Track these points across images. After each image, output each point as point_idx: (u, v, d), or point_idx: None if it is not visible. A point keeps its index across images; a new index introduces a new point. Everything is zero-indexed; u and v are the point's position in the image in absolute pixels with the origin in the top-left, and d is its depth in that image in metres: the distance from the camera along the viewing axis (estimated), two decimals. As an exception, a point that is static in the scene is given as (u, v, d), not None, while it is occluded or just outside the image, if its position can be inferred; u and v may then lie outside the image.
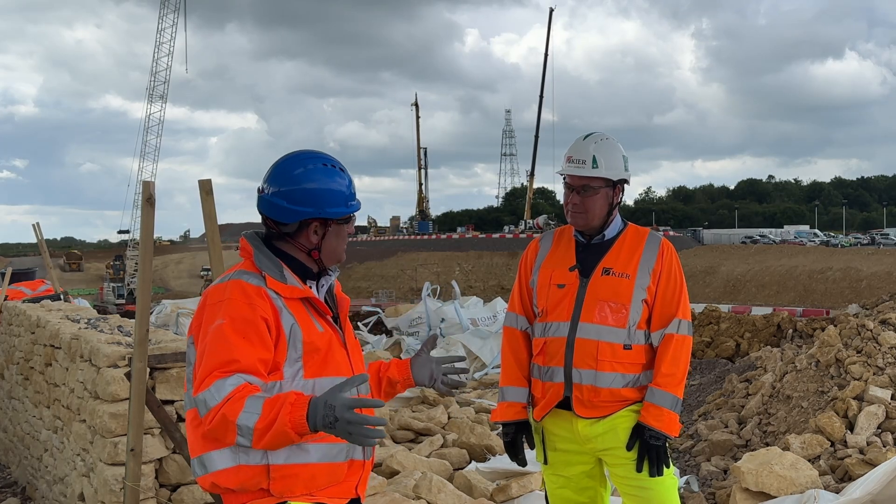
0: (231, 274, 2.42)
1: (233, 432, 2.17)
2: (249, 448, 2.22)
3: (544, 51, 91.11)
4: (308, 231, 2.44)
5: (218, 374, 2.21)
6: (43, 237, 9.81)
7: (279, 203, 2.41)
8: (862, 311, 14.49)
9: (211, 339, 2.27)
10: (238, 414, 2.15)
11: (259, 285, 2.35)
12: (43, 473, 6.10)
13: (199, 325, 2.35)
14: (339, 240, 2.49)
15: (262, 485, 2.31)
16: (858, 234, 78.82)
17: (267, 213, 2.45)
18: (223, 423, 2.17)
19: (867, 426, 8.48)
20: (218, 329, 2.27)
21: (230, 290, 2.34)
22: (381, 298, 56.02)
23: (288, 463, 2.31)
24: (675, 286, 3.22)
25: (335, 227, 2.47)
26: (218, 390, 2.19)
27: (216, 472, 2.30)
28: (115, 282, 68.54)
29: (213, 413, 2.18)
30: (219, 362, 2.22)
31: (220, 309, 2.30)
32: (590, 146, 3.25)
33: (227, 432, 2.18)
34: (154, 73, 66.49)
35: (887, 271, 48.02)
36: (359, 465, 2.47)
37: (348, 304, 2.65)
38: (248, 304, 2.30)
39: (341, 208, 2.45)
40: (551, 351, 3.23)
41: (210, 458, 2.31)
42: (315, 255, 2.48)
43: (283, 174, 2.44)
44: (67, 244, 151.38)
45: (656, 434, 3.11)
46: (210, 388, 2.20)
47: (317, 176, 2.43)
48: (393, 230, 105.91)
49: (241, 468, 2.29)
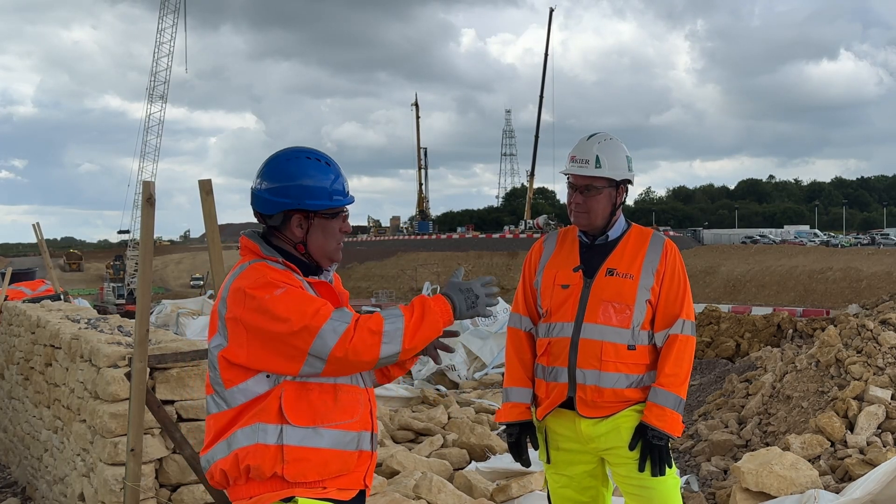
0: (246, 263, 2.44)
1: (378, 342, 2.28)
2: (398, 352, 2.31)
3: (544, 51, 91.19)
4: (292, 224, 2.48)
5: (327, 307, 2.30)
6: (43, 237, 9.81)
7: (263, 196, 2.47)
8: (862, 311, 14.48)
9: (286, 299, 2.29)
10: (382, 323, 2.30)
11: (283, 269, 2.41)
12: (43, 473, 6.10)
13: (246, 310, 2.32)
14: (326, 235, 2.51)
15: (276, 468, 2.34)
16: (858, 234, 78.80)
17: (253, 205, 2.51)
18: (368, 336, 2.27)
19: (867, 426, 8.48)
20: (286, 293, 2.31)
21: (265, 269, 2.38)
22: (381, 298, 56.03)
23: (302, 445, 2.36)
24: (679, 287, 3.22)
25: (319, 220, 2.49)
26: (341, 315, 2.29)
27: (239, 448, 2.35)
28: (115, 282, 68.60)
29: (349, 332, 2.27)
30: (318, 303, 2.30)
31: (269, 282, 2.32)
32: (593, 146, 3.24)
33: (372, 344, 2.27)
34: (154, 73, 66.58)
35: (887, 271, 48.02)
36: (367, 456, 2.51)
37: (348, 297, 2.68)
38: (289, 278, 2.37)
39: (323, 201, 2.47)
40: (555, 351, 3.23)
41: (235, 437, 2.36)
42: (300, 249, 2.50)
43: (268, 169, 2.50)
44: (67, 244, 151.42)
45: (659, 434, 3.11)
46: (330, 318, 2.27)
47: (299, 169, 2.47)
48: (393, 230, 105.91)
49: (258, 447, 2.34)
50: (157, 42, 66.18)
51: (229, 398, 2.39)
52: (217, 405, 2.43)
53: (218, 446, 2.40)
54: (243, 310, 2.32)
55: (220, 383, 2.40)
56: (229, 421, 2.40)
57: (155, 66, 66.35)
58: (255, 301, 2.30)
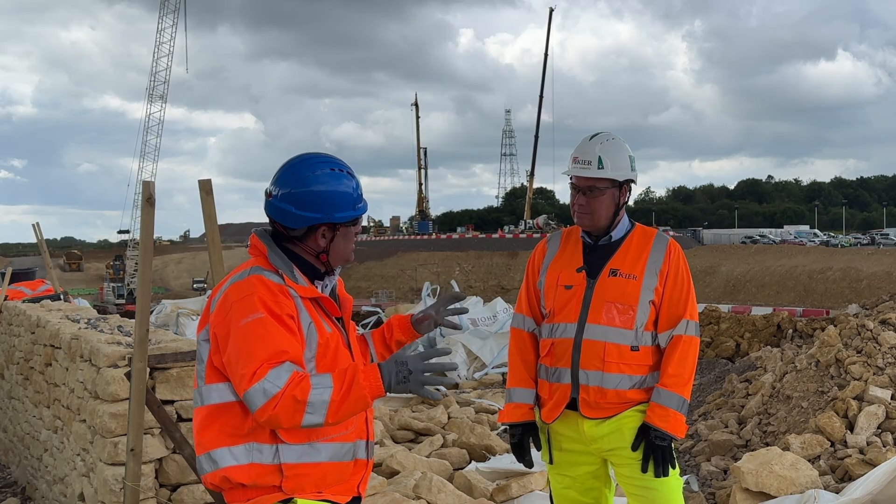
0: (248, 270, 2.41)
1: (301, 412, 2.22)
2: (320, 424, 2.26)
3: (544, 51, 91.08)
4: (316, 235, 2.46)
5: (270, 364, 2.24)
6: (43, 237, 9.80)
7: (287, 209, 2.42)
8: (862, 311, 14.48)
9: (252, 332, 2.27)
10: (308, 392, 2.22)
11: (280, 283, 2.37)
12: (43, 473, 6.10)
13: (224, 323, 2.33)
14: (346, 242, 2.51)
15: (275, 482, 2.34)
16: (858, 234, 78.77)
17: (275, 218, 2.46)
18: (292, 404, 2.21)
19: (867, 426, 8.48)
20: (258, 322, 2.28)
21: (256, 285, 2.34)
22: (381, 298, 55.98)
23: (300, 462, 2.36)
24: (683, 287, 3.21)
25: (343, 229, 2.48)
26: (276, 377, 2.22)
27: (228, 467, 2.33)
28: (115, 282, 68.52)
29: (276, 399, 2.21)
30: (268, 353, 2.25)
31: (251, 303, 2.30)
32: (596, 147, 3.23)
33: (295, 413, 2.22)
34: (154, 73, 66.52)
35: (887, 271, 47.98)
36: (362, 464, 2.52)
37: (351, 303, 2.67)
38: (275, 300, 2.33)
39: (349, 212, 2.46)
40: (558, 352, 3.22)
41: (221, 455, 2.34)
42: (324, 258, 2.49)
43: (291, 178, 2.44)
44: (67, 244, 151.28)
45: (662, 435, 3.10)
46: (267, 377, 2.22)
47: (325, 180, 2.43)
48: (393, 230, 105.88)
49: (253, 466, 2.33)
50: (156, 42, 66.16)
51: (205, 394, 2.38)
52: (196, 399, 2.43)
53: (203, 458, 2.38)
54: (221, 320, 2.33)
55: (203, 377, 2.39)
56: (203, 419, 2.38)
57: (155, 66, 66.33)
58: (230, 321, 2.31)
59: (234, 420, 2.35)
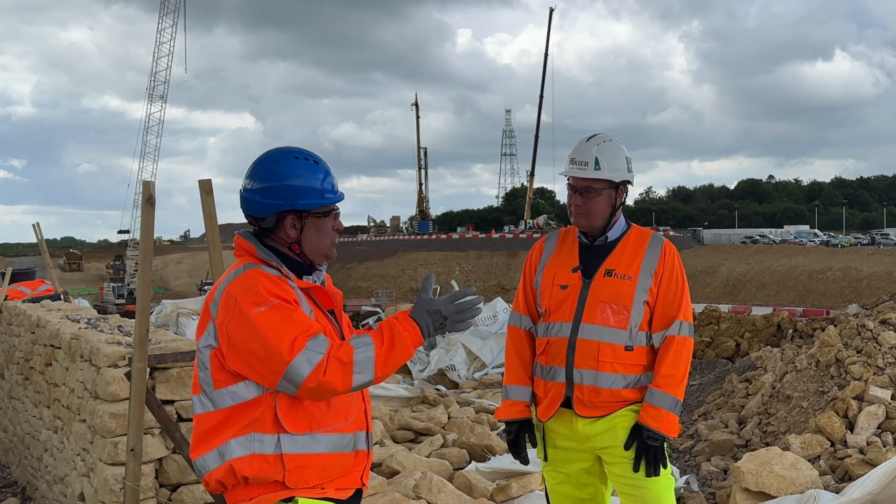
0: (241, 267, 2.43)
1: (350, 373, 2.26)
2: (370, 381, 2.31)
3: (544, 51, 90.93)
4: (285, 225, 2.47)
5: (306, 336, 2.27)
6: (43, 237, 9.80)
7: (252, 198, 2.46)
8: (862, 311, 14.49)
9: (271, 317, 2.28)
10: (352, 353, 2.28)
11: (277, 274, 2.40)
12: (43, 473, 6.10)
13: (234, 317, 2.32)
14: (320, 234, 2.50)
15: (277, 476, 2.35)
16: (858, 234, 78.75)
17: (245, 209, 2.49)
18: (339, 367, 2.25)
19: (867, 426, 8.48)
20: (274, 308, 2.30)
21: (257, 277, 2.36)
22: (381, 298, 55.94)
23: (302, 453, 2.37)
24: (677, 288, 3.24)
25: (313, 220, 2.49)
26: (316, 345, 2.27)
27: (233, 459, 2.34)
28: (115, 282, 68.49)
29: (322, 364, 2.24)
30: (298, 329, 2.28)
31: (259, 294, 2.31)
32: (592, 148, 3.26)
33: (345, 375, 2.26)
34: (154, 73, 66.48)
35: (887, 271, 47.95)
36: (363, 455, 2.54)
37: (341, 297, 2.68)
38: (280, 287, 2.35)
39: (315, 200, 2.47)
40: (553, 351, 3.25)
41: (229, 447, 2.35)
42: (295, 249, 2.50)
43: (257, 170, 2.48)
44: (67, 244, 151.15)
45: (654, 435, 3.12)
46: (307, 347, 2.25)
47: (288, 169, 2.45)
48: (393, 230, 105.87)
49: (255, 457, 2.34)
50: (156, 42, 66.12)
51: (217, 399, 2.38)
52: (203, 405, 2.42)
53: (210, 455, 2.39)
54: (230, 318, 2.33)
55: (210, 383, 2.39)
56: (217, 424, 2.39)
57: (154, 67, 66.31)
58: (242, 314, 2.30)
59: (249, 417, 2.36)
